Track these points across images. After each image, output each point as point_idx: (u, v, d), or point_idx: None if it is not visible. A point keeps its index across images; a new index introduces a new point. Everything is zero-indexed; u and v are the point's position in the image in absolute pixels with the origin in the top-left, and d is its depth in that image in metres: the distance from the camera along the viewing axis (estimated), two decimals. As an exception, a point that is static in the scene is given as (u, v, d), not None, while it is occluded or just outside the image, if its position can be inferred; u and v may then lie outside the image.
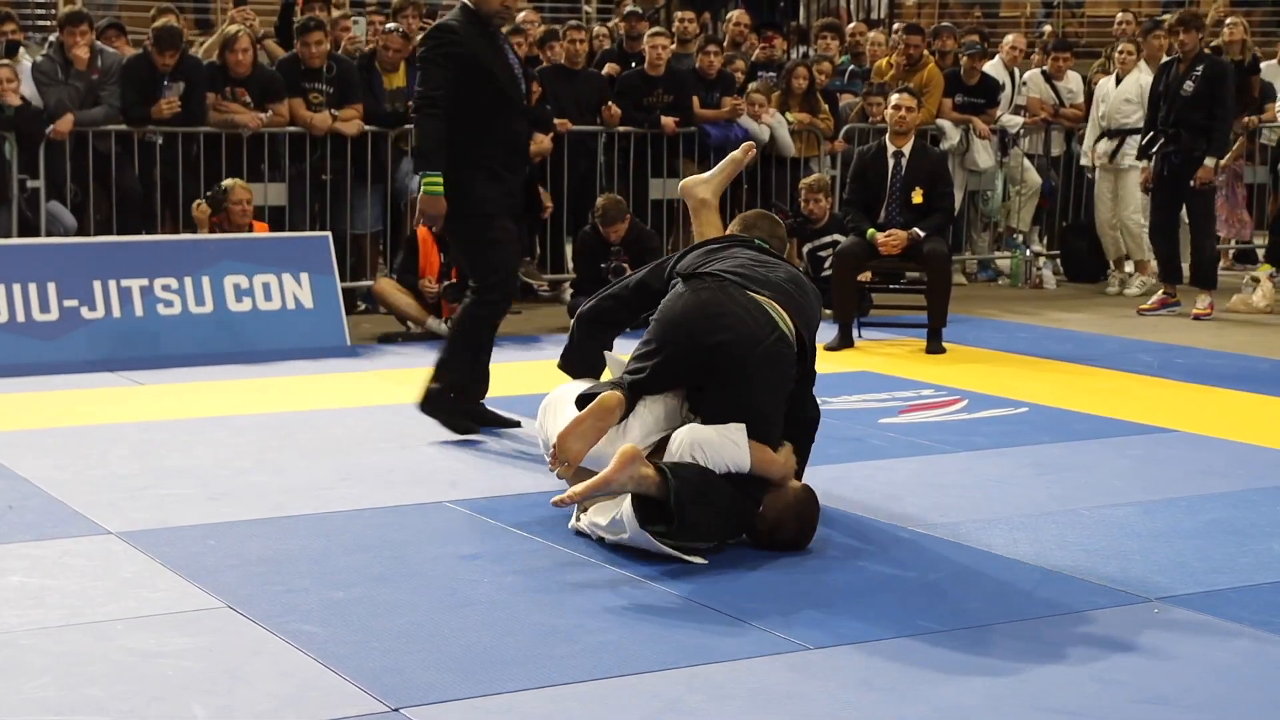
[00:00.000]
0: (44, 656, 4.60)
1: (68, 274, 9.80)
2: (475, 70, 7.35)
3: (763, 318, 5.85)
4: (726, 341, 5.77)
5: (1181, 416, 8.28)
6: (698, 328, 5.84)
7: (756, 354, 5.78)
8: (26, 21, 16.19)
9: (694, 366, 5.84)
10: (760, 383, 5.81)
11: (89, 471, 6.86)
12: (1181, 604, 5.22)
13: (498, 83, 7.39)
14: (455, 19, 7.55)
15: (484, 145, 7.40)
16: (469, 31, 7.43)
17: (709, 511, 5.60)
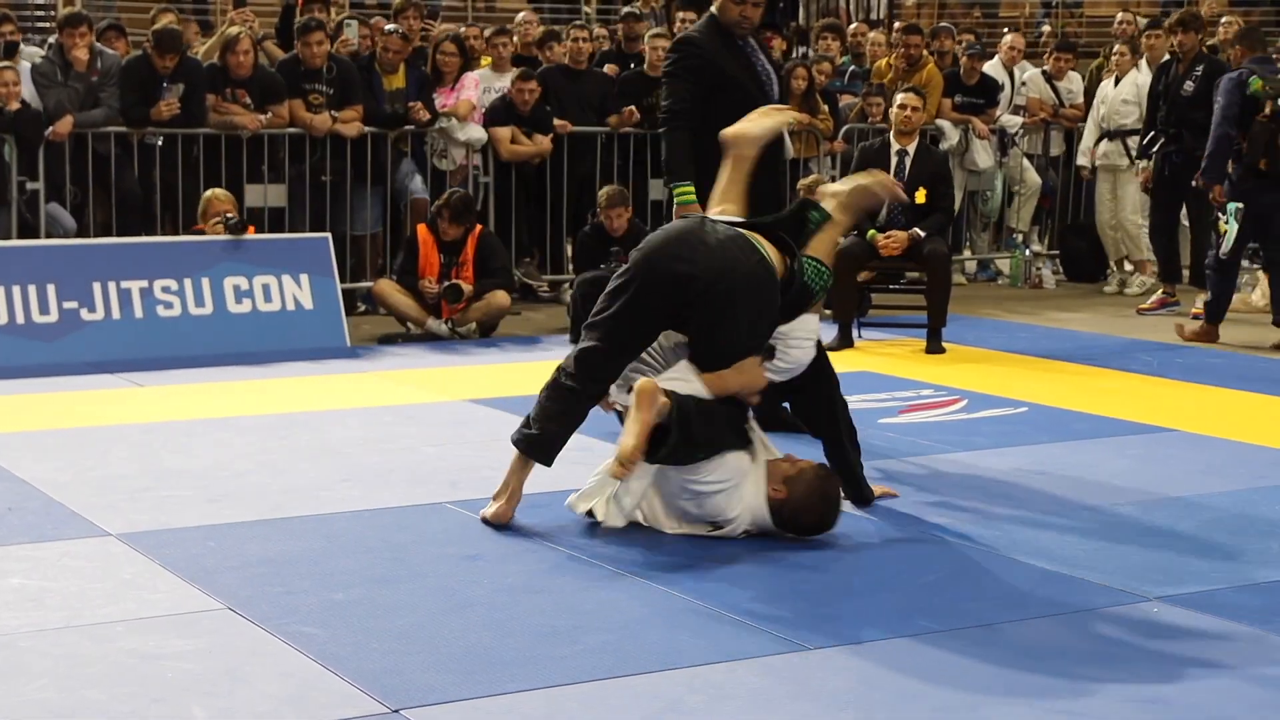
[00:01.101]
0: (43, 658, 4.60)
1: (67, 276, 9.80)
2: (719, 80, 7.32)
3: (742, 243, 5.89)
4: (694, 273, 5.81)
5: (1181, 416, 8.28)
6: (666, 254, 5.92)
7: (731, 281, 5.80)
8: (25, 23, 16.19)
9: (663, 299, 5.90)
10: (739, 312, 5.85)
11: (89, 473, 6.86)
12: (1181, 603, 5.22)
13: (742, 91, 7.30)
14: (698, 30, 7.61)
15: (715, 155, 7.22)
16: (712, 42, 7.41)
17: (713, 421, 5.80)
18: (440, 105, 12.01)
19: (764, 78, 7.45)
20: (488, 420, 8.01)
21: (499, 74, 12.64)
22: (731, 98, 7.24)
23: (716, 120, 7.16)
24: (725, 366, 5.88)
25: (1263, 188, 10.58)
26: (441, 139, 12.08)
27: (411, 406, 8.44)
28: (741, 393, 5.97)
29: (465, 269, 10.72)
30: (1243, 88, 10.48)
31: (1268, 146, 10.33)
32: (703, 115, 7.27)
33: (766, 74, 7.48)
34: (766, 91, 7.40)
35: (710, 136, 7.27)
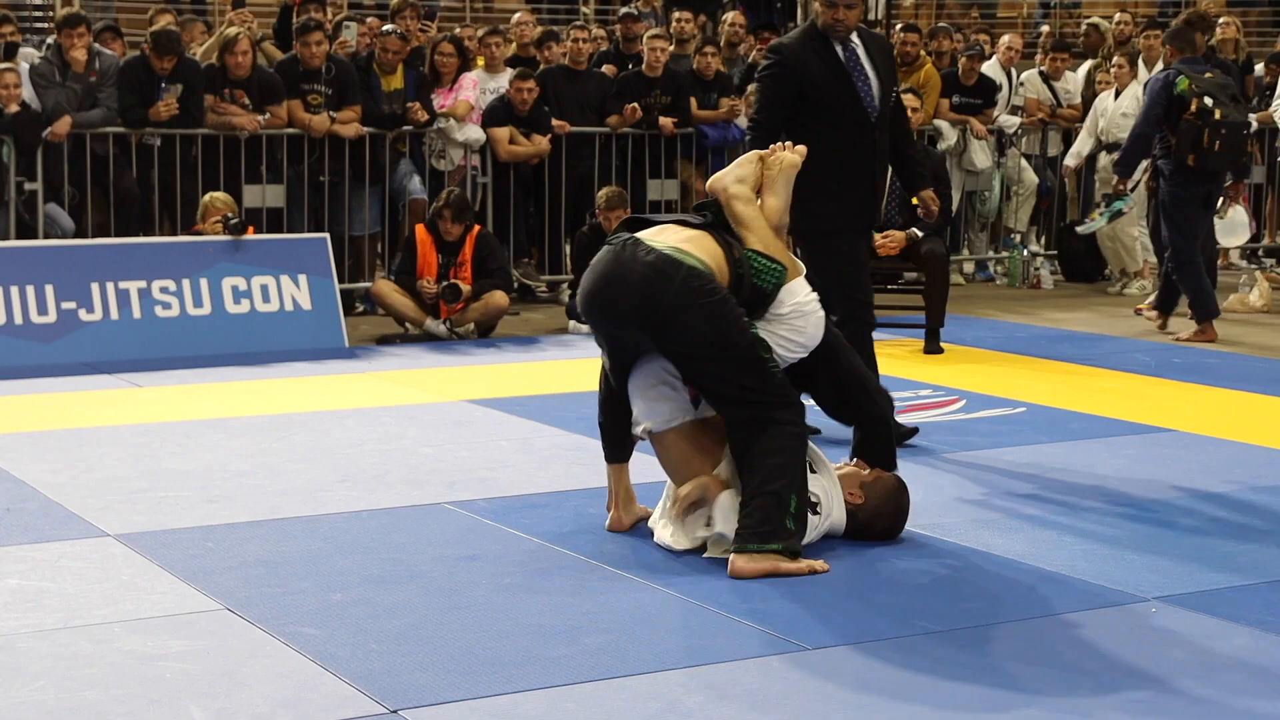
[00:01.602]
0: (42, 659, 4.60)
1: (66, 276, 9.81)
2: (806, 89, 7.19)
3: (663, 264, 5.55)
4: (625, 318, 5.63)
5: (1178, 416, 8.28)
6: (598, 304, 5.72)
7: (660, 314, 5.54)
8: (24, 24, 16.19)
9: (615, 342, 5.79)
10: (689, 330, 5.55)
11: (87, 474, 6.86)
12: (1178, 604, 5.22)
13: (831, 99, 7.17)
14: (792, 35, 7.55)
15: (819, 162, 7.05)
16: (804, 48, 7.27)
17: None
18: (438, 106, 12.01)
19: (860, 85, 7.23)
20: (486, 421, 8.01)
21: (495, 75, 12.64)
22: (820, 106, 7.17)
23: (806, 129, 7.08)
24: (713, 372, 5.63)
25: (1192, 183, 10.80)
26: (440, 139, 12.09)
27: (410, 407, 8.44)
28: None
29: (463, 269, 10.72)
30: (1170, 88, 10.72)
31: (1194, 143, 10.60)
32: (792, 124, 7.14)
33: (866, 81, 7.25)
34: (860, 99, 7.22)
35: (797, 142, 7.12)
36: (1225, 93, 10.70)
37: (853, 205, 7.32)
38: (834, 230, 7.27)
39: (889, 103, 7.33)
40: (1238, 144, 10.74)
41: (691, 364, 5.66)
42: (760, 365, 5.59)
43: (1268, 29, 21.83)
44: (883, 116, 7.29)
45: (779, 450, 5.54)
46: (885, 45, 7.70)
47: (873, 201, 7.46)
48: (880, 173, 7.47)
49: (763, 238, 5.81)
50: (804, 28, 7.52)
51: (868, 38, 7.41)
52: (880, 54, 7.41)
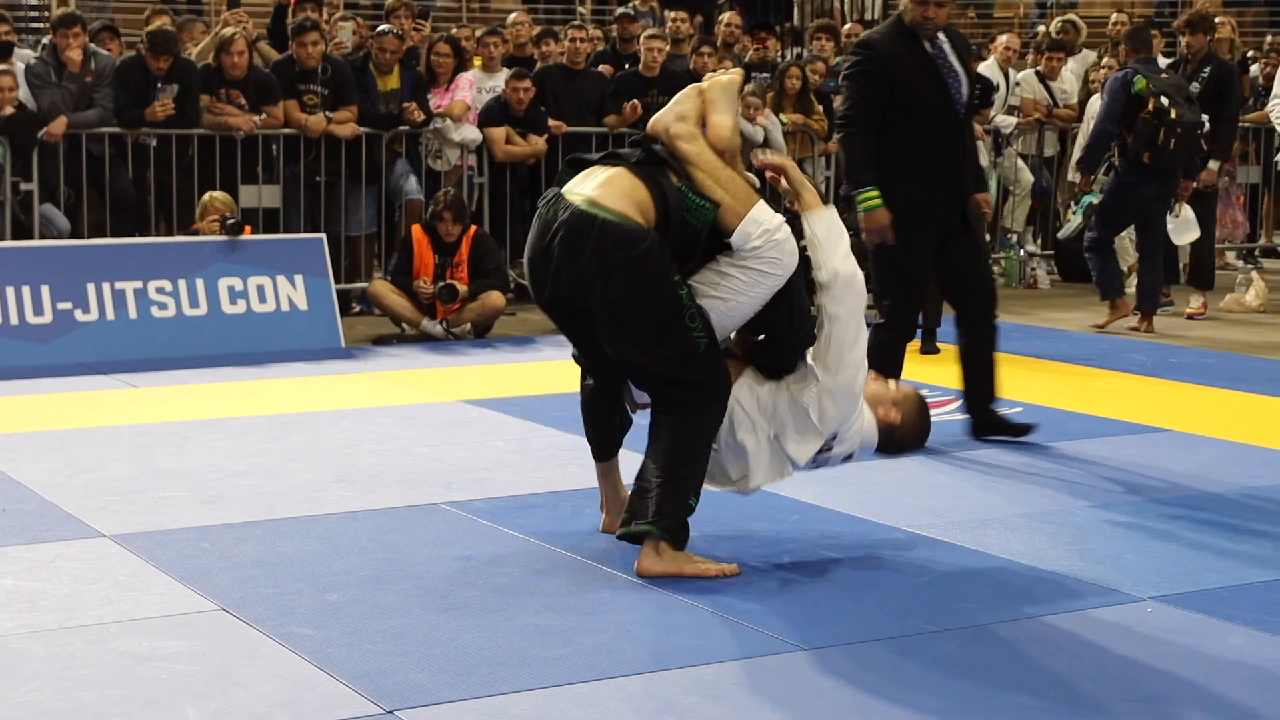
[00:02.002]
0: (37, 660, 4.60)
1: (61, 276, 9.81)
2: (892, 84, 7.19)
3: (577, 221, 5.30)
4: (554, 293, 5.41)
5: (1175, 416, 8.28)
6: (534, 282, 5.51)
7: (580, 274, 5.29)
8: (19, 24, 16.18)
9: (559, 316, 5.60)
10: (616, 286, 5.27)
11: (83, 474, 6.86)
12: (1175, 603, 5.23)
13: (919, 95, 7.19)
14: (881, 31, 7.54)
15: (904, 160, 7.22)
16: (892, 44, 7.28)
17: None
18: (435, 106, 12.01)
19: (950, 81, 7.24)
20: (482, 421, 8.01)
21: (492, 74, 12.64)
22: (908, 101, 7.16)
23: (895, 125, 7.16)
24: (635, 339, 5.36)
25: (1146, 180, 10.95)
26: (436, 140, 12.09)
27: (406, 407, 8.44)
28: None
29: (460, 269, 10.72)
30: (1128, 87, 10.90)
31: (1150, 141, 10.79)
32: (882, 120, 7.18)
33: (954, 77, 7.26)
34: (950, 96, 7.23)
35: (890, 141, 7.23)
36: (1180, 93, 10.91)
37: (934, 204, 7.28)
38: (912, 229, 7.23)
39: (973, 99, 7.36)
40: (1192, 143, 10.96)
41: (616, 329, 5.37)
42: (684, 335, 5.30)
43: (1263, 29, 21.83)
44: (968, 115, 7.37)
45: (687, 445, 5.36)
46: (965, 42, 7.67)
47: (956, 202, 7.38)
48: (969, 171, 7.43)
49: (711, 171, 5.46)
50: (891, 23, 7.47)
51: (951, 33, 7.40)
52: (963, 50, 7.41)
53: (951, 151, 7.31)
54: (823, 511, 6.29)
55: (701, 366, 5.36)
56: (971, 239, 7.54)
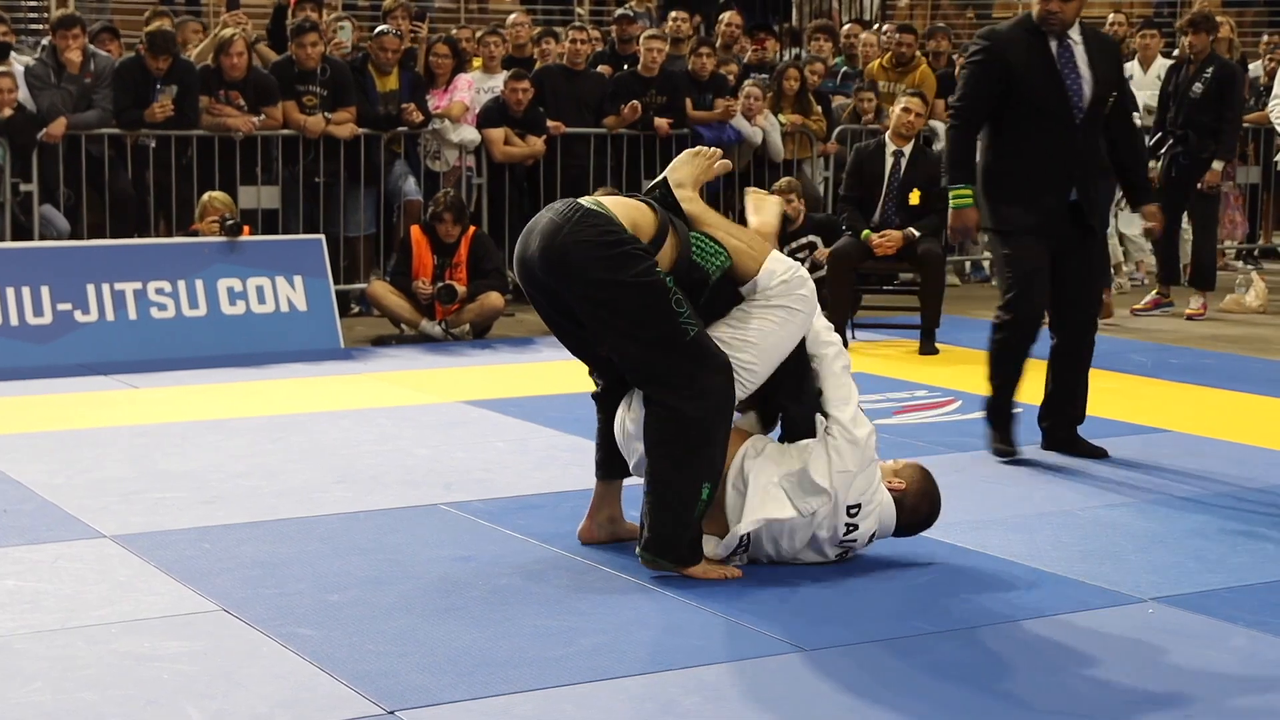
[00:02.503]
0: (38, 660, 4.60)
1: (61, 277, 9.81)
2: (1007, 80, 6.98)
3: (563, 208, 5.33)
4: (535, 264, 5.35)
5: (1175, 416, 8.28)
6: (519, 275, 5.53)
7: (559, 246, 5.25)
8: (18, 25, 16.18)
9: (538, 300, 5.51)
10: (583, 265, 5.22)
11: (83, 475, 6.86)
12: (1176, 604, 5.22)
13: (1033, 93, 6.95)
14: (1005, 25, 7.36)
15: (1013, 159, 7.03)
16: (1014, 38, 7.06)
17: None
18: (433, 107, 12.01)
19: (1070, 82, 6.95)
20: (482, 422, 8.01)
21: (490, 75, 12.65)
22: (1023, 100, 6.96)
23: (1008, 124, 6.99)
24: (616, 321, 5.28)
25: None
26: (435, 140, 12.09)
27: (405, 408, 8.44)
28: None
29: (459, 270, 10.72)
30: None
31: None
32: (994, 115, 7.04)
33: (1076, 79, 6.97)
34: (1068, 98, 6.95)
35: (993, 135, 7.08)
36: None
37: (1044, 208, 7.05)
38: (1015, 231, 7.07)
39: (1103, 106, 7.03)
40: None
41: (595, 312, 5.29)
42: (670, 317, 5.21)
43: (1262, 28, 21.82)
44: (1091, 119, 7.01)
45: (682, 457, 5.27)
46: (1109, 46, 7.40)
47: (1062, 209, 7.06)
48: (1085, 178, 7.08)
49: (718, 224, 5.56)
50: (1020, 18, 7.25)
51: (1091, 36, 7.13)
52: (1102, 54, 7.11)
53: (1062, 157, 7.00)
54: (823, 512, 6.28)
55: (688, 354, 5.25)
56: (1085, 257, 7.19)
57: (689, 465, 5.27)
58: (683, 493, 5.28)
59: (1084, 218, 7.10)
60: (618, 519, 5.79)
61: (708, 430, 5.28)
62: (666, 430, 5.28)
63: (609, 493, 5.84)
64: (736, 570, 5.46)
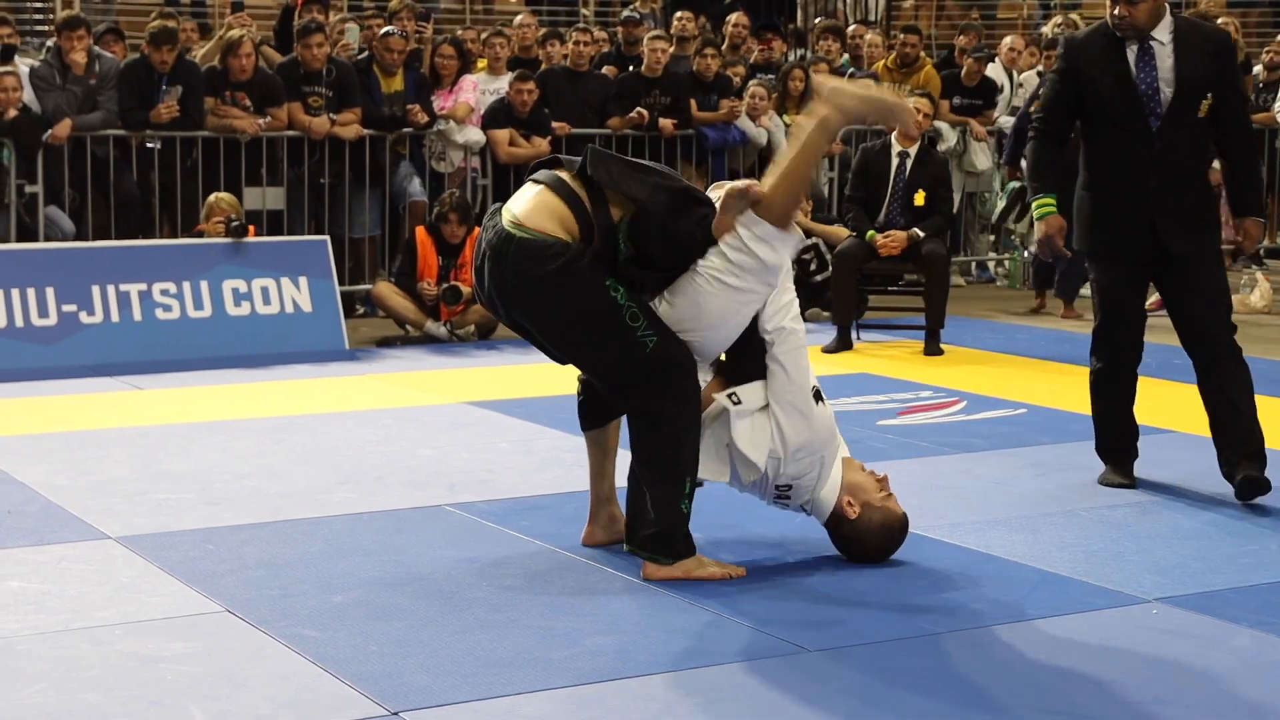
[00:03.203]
0: (42, 661, 4.60)
1: (66, 279, 9.81)
2: (1082, 89, 6.65)
3: (499, 243, 5.34)
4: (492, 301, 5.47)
5: (1179, 417, 8.27)
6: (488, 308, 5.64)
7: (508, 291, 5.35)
8: (24, 26, 16.19)
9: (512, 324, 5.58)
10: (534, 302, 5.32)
11: (87, 476, 6.86)
12: (1180, 605, 5.22)
13: (1106, 100, 6.56)
14: (1085, 31, 7.02)
15: (1097, 172, 6.67)
16: (1090, 44, 6.69)
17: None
18: (438, 108, 12.02)
19: (1144, 88, 6.50)
20: (486, 423, 8.01)
21: (495, 76, 12.65)
22: (1097, 109, 6.63)
23: (1089, 134, 6.65)
24: (580, 346, 5.41)
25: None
26: (440, 141, 12.09)
27: (410, 409, 8.44)
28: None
29: (464, 271, 10.72)
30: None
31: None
32: (1082, 127, 6.73)
33: (1152, 85, 6.50)
34: (1140, 108, 6.51)
35: (1088, 151, 6.69)
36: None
37: (1120, 227, 6.62)
38: (1096, 254, 6.71)
39: (1192, 109, 6.50)
40: None
41: (557, 342, 5.44)
42: (627, 336, 5.27)
43: (1268, 29, 21.81)
44: (1174, 125, 6.50)
45: (661, 454, 5.32)
46: (1210, 43, 6.61)
47: (1141, 226, 6.56)
48: (1163, 190, 6.53)
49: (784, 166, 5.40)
50: (1100, 23, 6.84)
51: (1186, 33, 6.56)
52: (1195, 52, 6.51)
53: (1137, 170, 6.55)
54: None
55: (653, 365, 5.29)
56: (1184, 278, 6.64)
57: (670, 463, 5.34)
58: (668, 490, 5.34)
59: (1140, 241, 6.58)
60: (618, 518, 5.79)
61: (681, 430, 5.33)
62: (644, 435, 5.36)
63: (605, 459, 5.85)
64: (740, 569, 5.46)
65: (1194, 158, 6.60)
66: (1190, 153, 6.57)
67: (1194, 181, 6.60)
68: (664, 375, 5.31)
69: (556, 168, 5.68)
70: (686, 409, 5.34)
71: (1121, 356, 6.78)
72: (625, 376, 5.36)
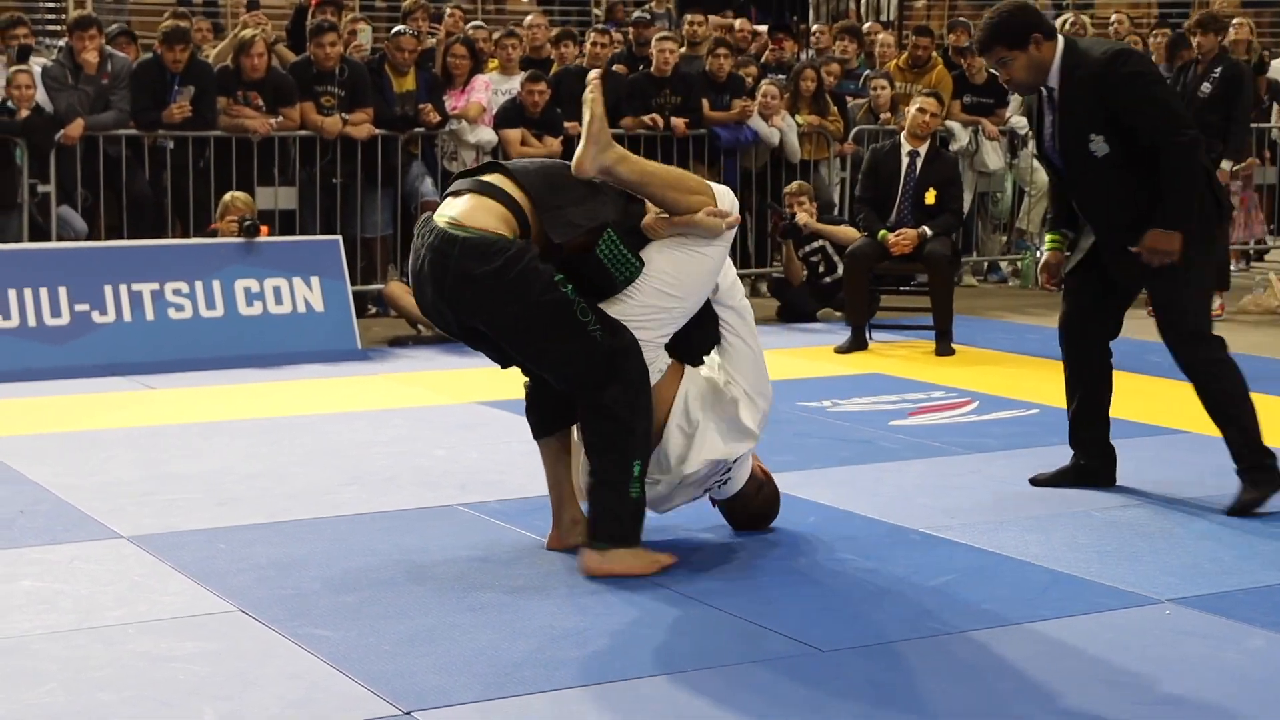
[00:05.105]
0: (54, 661, 4.60)
1: (78, 278, 9.82)
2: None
3: (438, 243, 5.32)
4: (441, 313, 5.47)
5: (1192, 417, 8.22)
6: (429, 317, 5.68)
7: (454, 295, 5.32)
8: (37, 26, 16.22)
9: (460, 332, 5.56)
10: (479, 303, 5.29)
11: (99, 476, 6.87)
12: (1193, 605, 5.21)
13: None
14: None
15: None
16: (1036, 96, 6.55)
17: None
18: (450, 108, 12.02)
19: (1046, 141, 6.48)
20: (497, 423, 8.00)
21: (508, 76, 12.66)
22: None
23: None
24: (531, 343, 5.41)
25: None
26: (452, 141, 12.09)
27: (421, 409, 8.44)
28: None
29: (475, 271, 10.71)
30: None
31: None
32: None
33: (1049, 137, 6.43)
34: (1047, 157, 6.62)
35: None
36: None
37: (1084, 246, 6.62)
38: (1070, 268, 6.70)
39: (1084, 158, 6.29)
40: None
41: (509, 339, 5.42)
42: (578, 331, 5.29)
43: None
44: (1077, 173, 6.40)
45: (612, 443, 5.36)
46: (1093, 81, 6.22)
47: (1096, 251, 6.53)
48: (1103, 230, 6.44)
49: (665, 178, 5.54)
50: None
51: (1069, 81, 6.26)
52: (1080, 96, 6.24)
53: (1080, 209, 6.58)
54: (839, 513, 6.28)
55: (605, 357, 5.32)
56: (1151, 294, 6.65)
57: (617, 448, 5.36)
58: (615, 472, 5.36)
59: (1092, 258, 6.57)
60: (580, 520, 5.75)
61: (630, 414, 5.34)
62: (593, 423, 5.40)
63: (558, 463, 5.85)
64: (670, 557, 5.48)
65: (1122, 192, 6.32)
66: (1116, 189, 6.33)
67: (1134, 215, 6.30)
68: (616, 366, 5.33)
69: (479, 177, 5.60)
70: (639, 398, 5.37)
71: (1073, 372, 6.83)
72: (577, 369, 5.38)
